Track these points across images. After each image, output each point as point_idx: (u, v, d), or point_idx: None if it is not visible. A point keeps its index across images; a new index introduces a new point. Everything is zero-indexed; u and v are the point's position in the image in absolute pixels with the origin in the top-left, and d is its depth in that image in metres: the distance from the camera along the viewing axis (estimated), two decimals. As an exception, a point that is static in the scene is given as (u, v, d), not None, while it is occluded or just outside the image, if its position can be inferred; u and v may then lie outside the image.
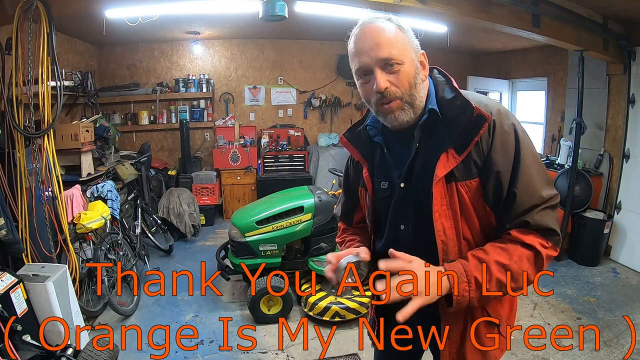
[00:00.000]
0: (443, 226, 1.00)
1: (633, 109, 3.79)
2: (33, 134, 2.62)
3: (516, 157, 0.97)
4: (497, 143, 0.97)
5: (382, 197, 1.14)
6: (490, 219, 1.02)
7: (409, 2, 2.80)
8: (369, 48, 0.97)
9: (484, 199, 1.00)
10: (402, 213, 1.10)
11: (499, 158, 0.97)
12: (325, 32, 5.19)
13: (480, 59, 6.27)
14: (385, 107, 1.00)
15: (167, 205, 4.54)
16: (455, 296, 0.93)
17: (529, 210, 0.97)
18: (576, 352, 2.58)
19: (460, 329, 1.07)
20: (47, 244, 2.69)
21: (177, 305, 3.25)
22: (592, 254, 3.90)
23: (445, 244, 1.01)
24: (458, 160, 0.97)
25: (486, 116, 0.96)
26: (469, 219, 1.01)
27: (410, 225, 1.09)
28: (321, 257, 3.10)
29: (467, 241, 1.02)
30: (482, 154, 0.98)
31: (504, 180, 0.97)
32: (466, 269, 0.94)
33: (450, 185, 0.99)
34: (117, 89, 5.28)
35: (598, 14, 3.51)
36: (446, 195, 0.99)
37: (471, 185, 0.99)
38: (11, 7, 2.58)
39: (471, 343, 1.08)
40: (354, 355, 2.59)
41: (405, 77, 0.98)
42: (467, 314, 1.07)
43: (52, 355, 2.08)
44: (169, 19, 3.77)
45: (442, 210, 1.00)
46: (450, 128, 1.00)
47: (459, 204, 1.00)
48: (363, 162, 1.17)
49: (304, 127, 5.96)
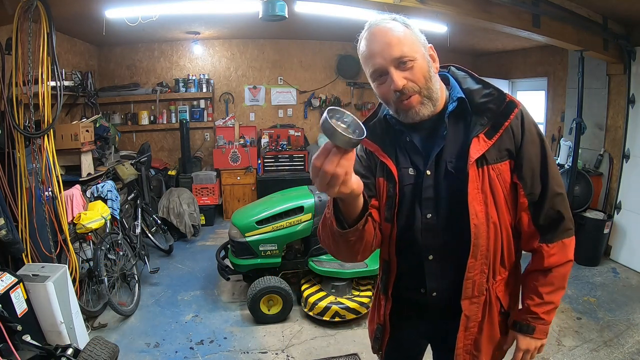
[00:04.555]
0: (475, 210, 1.02)
1: (633, 109, 3.79)
2: (33, 134, 2.62)
3: (542, 147, 1.06)
4: (527, 130, 1.04)
5: (408, 185, 1.12)
6: (515, 205, 1.07)
7: (409, 2, 2.80)
8: (380, 49, 0.99)
9: (519, 180, 1.05)
10: (430, 202, 1.09)
11: (530, 145, 1.04)
12: (325, 32, 5.19)
13: (480, 59, 6.27)
14: (406, 104, 1.02)
15: (167, 205, 4.54)
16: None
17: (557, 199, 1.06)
18: (576, 352, 2.58)
19: (478, 319, 1.10)
20: (47, 244, 2.69)
21: (177, 305, 3.25)
22: (592, 254, 3.90)
23: (477, 228, 1.02)
24: (489, 144, 1.01)
25: (517, 102, 1.03)
26: (498, 203, 1.04)
27: (439, 213, 1.08)
28: (321, 257, 3.10)
29: (494, 225, 1.05)
30: (513, 139, 1.03)
31: (535, 166, 1.05)
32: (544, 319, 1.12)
33: (482, 169, 1.02)
34: (117, 89, 5.27)
35: (598, 14, 3.51)
36: (479, 179, 1.02)
37: (502, 168, 1.03)
38: (11, 7, 2.57)
39: (487, 334, 1.11)
40: (354, 355, 2.59)
41: (419, 71, 1.00)
42: (486, 305, 1.10)
43: (52, 355, 2.08)
44: (169, 19, 3.77)
45: (475, 194, 1.02)
46: (479, 115, 1.04)
47: (489, 188, 1.03)
48: (381, 152, 1.13)
49: (304, 127, 5.96)
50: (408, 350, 1.33)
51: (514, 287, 1.17)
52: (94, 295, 3.05)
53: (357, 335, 2.78)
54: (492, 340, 1.13)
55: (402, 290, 1.20)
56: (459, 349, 1.10)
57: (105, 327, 2.87)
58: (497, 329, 1.13)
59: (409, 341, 1.31)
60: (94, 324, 2.88)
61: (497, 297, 1.11)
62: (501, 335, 1.15)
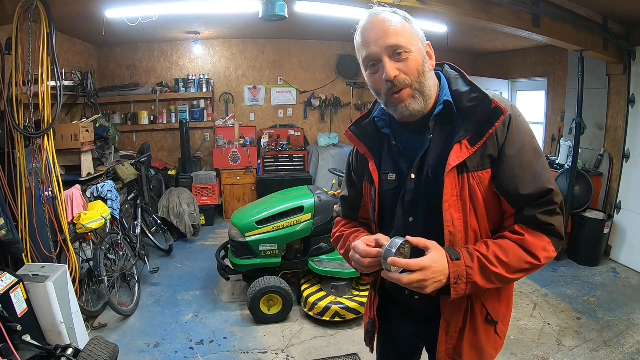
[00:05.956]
0: (452, 217, 1.00)
1: (633, 109, 3.79)
2: (33, 134, 2.62)
3: (527, 150, 1.00)
4: (512, 135, 0.99)
5: (389, 190, 1.12)
6: (498, 212, 1.03)
7: (409, 2, 2.80)
8: (376, 37, 0.97)
9: (497, 189, 1.00)
10: (412, 205, 1.08)
11: (512, 150, 0.99)
12: (325, 32, 5.20)
13: (480, 59, 6.27)
14: (396, 97, 1.00)
15: (167, 205, 4.54)
16: (453, 286, 0.95)
17: (538, 202, 0.98)
18: (576, 352, 2.58)
19: (459, 325, 1.08)
20: (47, 244, 2.69)
21: (177, 305, 3.25)
22: (592, 254, 3.90)
23: (453, 235, 1.00)
24: (471, 151, 0.98)
25: (503, 109, 0.98)
26: (478, 211, 1.01)
27: (419, 217, 1.07)
28: (321, 257, 3.10)
29: (474, 233, 1.02)
30: (497, 146, 0.99)
31: (517, 170, 0.98)
32: (467, 264, 0.96)
33: (462, 176, 0.99)
34: (117, 89, 5.28)
35: (598, 14, 3.51)
36: (457, 186, 0.99)
37: (483, 176, 1.00)
38: (11, 7, 2.58)
39: (469, 341, 1.08)
40: (354, 355, 2.59)
41: (414, 64, 0.97)
42: (467, 312, 1.07)
43: (52, 355, 2.08)
44: (169, 19, 3.77)
45: (452, 201, 0.99)
46: (465, 119, 1.00)
47: (469, 196, 1.00)
48: (369, 155, 1.15)
49: (304, 127, 5.96)
50: (400, 347, 1.34)
51: (504, 294, 1.14)
52: (94, 295, 3.05)
53: (357, 335, 2.78)
54: (475, 347, 1.09)
55: (389, 290, 1.22)
56: (440, 352, 1.09)
57: (105, 327, 2.87)
58: (481, 338, 1.09)
59: (401, 338, 1.32)
60: (94, 324, 2.89)
61: (483, 304, 1.08)
62: (487, 344, 1.11)
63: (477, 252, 0.97)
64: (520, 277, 1.00)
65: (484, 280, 0.96)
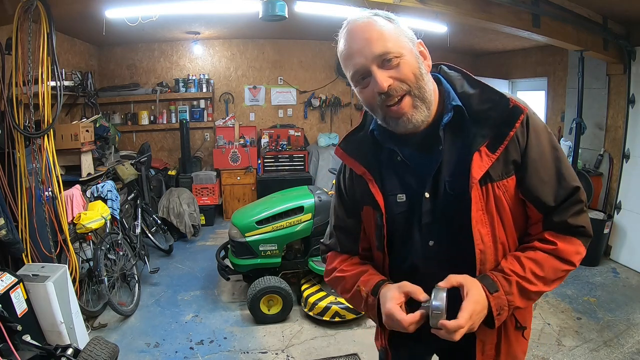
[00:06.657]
0: (480, 234, 0.90)
1: (633, 109, 3.79)
2: (33, 134, 2.62)
3: (550, 150, 0.93)
4: (533, 136, 0.91)
5: (400, 213, 0.98)
6: (524, 219, 0.97)
7: (409, 2, 2.80)
8: (360, 47, 0.87)
9: (523, 195, 0.92)
10: (431, 227, 0.96)
11: (535, 152, 0.91)
12: (325, 32, 5.13)
13: (480, 59, 6.27)
14: (395, 110, 0.88)
15: (167, 205, 4.54)
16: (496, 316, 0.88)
17: (566, 204, 0.93)
18: (576, 352, 2.58)
19: (494, 342, 1.00)
20: (47, 244, 2.69)
21: (177, 305, 3.25)
22: (592, 254, 3.89)
23: (484, 253, 0.91)
24: (493, 158, 0.88)
25: (522, 107, 0.89)
26: (505, 222, 0.93)
27: (442, 239, 0.96)
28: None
29: (502, 246, 0.94)
30: (519, 149, 0.90)
31: (543, 174, 0.91)
32: (506, 292, 0.89)
33: (486, 187, 0.90)
34: (117, 89, 5.28)
35: (598, 14, 3.51)
36: (482, 199, 0.90)
37: (508, 184, 0.91)
38: (11, 7, 2.58)
39: (504, 352, 1.02)
40: (354, 356, 2.59)
41: (408, 68, 0.86)
42: (500, 327, 0.98)
43: (52, 355, 2.08)
44: (169, 19, 3.77)
45: (479, 216, 0.90)
46: (478, 124, 0.90)
47: (495, 207, 0.91)
48: (368, 175, 1.00)
49: (304, 127, 5.96)
50: None
51: None
52: (94, 295, 3.05)
53: (357, 335, 2.78)
54: (509, 357, 1.03)
55: None
56: None
57: (105, 327, 2.87)
58: (514, 345, 1.03)
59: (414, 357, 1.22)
60: (94, 324, 2.88)
61: (512, 313, 0.97)
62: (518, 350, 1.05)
63: (514, 274, 0.90)
64: (557, 286, 0.95)
65: (524, 301, 0.91)
